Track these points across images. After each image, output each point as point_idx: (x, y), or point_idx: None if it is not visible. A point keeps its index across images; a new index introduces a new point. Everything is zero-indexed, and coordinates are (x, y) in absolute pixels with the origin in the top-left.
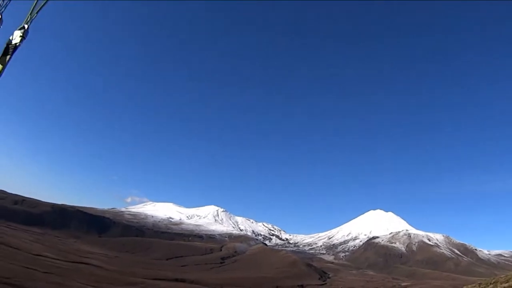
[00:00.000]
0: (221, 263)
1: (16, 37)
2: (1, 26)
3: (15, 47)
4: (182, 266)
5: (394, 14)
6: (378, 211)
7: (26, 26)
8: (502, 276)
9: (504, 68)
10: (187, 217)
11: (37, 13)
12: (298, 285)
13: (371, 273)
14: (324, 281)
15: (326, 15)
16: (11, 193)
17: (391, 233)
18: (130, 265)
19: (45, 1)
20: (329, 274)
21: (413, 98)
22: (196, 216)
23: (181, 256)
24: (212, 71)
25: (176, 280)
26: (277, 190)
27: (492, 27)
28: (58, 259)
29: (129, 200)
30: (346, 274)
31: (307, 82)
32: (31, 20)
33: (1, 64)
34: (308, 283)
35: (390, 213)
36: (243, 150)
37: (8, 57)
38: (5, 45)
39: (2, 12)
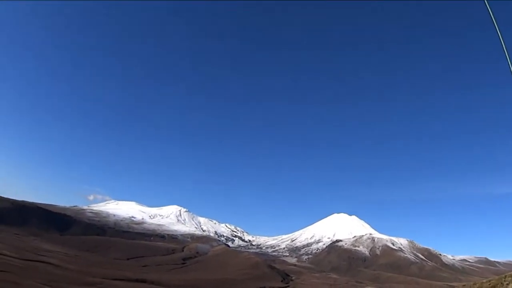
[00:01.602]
0: (182, 264)
1: None
2: None
3: None
4: (143, 266)
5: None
6: (342, 214)
7: None
8: (484, 280)
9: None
10: (150, 216)
11: None
12: (260, 287)
13: (335, 276)
14: (287, 283)
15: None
16: None
17: (355, 236)
18: (89, 265)
19: None
20: (292, 277)
21: (381, 104)
22: (158, 216)
23: (142, 256)
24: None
25: (136, 280)
26: (241, 191)
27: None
28: (15, 257)
29: (91, 198)
30: (309, 277)
31: (274, 81)
32: None
33: None
34: (271, 285)
35: (353, 217)
36: (208, 150)
37: None
38: None
39: None
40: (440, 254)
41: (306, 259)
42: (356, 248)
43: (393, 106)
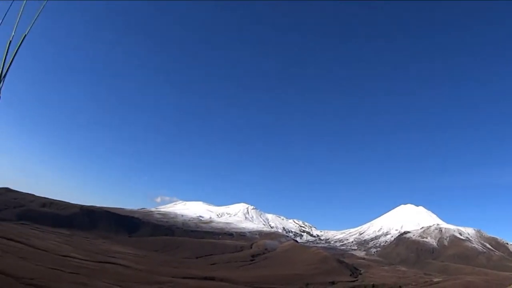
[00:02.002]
0: (251, 260)
1: None
2: None
3: None
4: (211, 264)
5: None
6: (409, 205)
7: None
8: None
9: None
10: (217, 215)
11: (4, 76)
12: (329, 282)
13: (403, 268)
14: (355, 277)
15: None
16: (39, 196)
17: (422, 227)
18: (158, 264)
19: (9, 65)
20: (360, 270)
21: (443, 90)
22: (226, 214)
23: (211, 255)
24: (231, 70)
25: (205, 278)
26: (307, 186)
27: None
28: (85, 260)
29: (158, 200)
30: (378, 270)
31: (331, 80)
32: (1, 86)
33: None
34: (339, 280)
35: (420, 208)
36: (273, 147)
37: None
38: None
39: None
40: (508, 243)
41: (374, 252)
42: (424, 239)
43: (454, 93)
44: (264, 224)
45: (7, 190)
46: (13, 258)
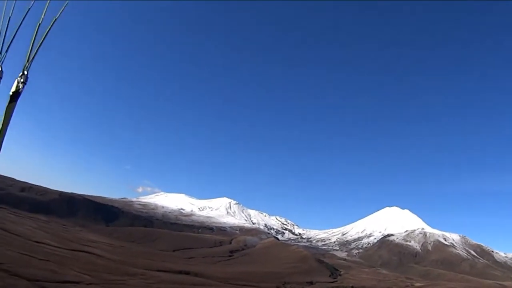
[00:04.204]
0: (229, 256)
1: (18, 84)
2: (2, 77)
3: (19, 93)
4: (188, 258)
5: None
6: (394, 208)
7: (25, 72)
8: None
9: None
10: (199, 208)
11: (33, 59)
12: (307, 282)
13: (384, 271)
14: (334, 278)
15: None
16: (19, 180)
17: (407, 231)
18: (134, 256)
19: (38, 48)
20: (340, 271)
21: (431, 98)
22: (208, 208)
23: (189, 248)
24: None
25: (180, 272)
26: (291, 184)
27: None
28: (58, 247)
29: (140, 190)
30: (358, 272)
31: (321, 79)
32: (29, 66)
33: (9, 110)
34: (318, 280)
35: (406, 211)
36: (259, 143)
37: (14, 103)
38: (11, 94)
39: (2, 63)
40: (493, 251)
41: (356, 253)
42: (408, 243)
43: (450, 101)
44: (246, 220)
45: None
46: None
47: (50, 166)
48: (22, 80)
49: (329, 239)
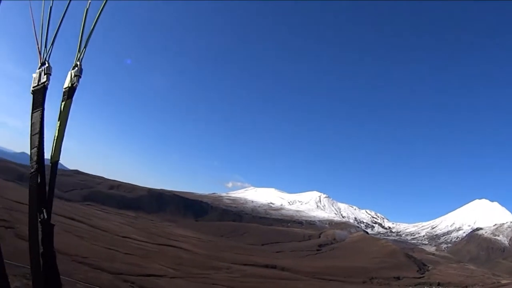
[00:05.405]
0: (317, 250)
1: (72, 78)
2: (51, 73)
3: (74, 89)
4: (276, 252)
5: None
6: (484, 200)
7: (78, 64)
8: None
9: None
10: (289, 202)
11: (85, 47)
12: (394, 277)
13: (472, 267)
14: (422, 273)
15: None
16: (108, 179)
17: (495, 224)
18: (221, 250)
19: (89, 35)
20: (428, 267)
21: None
22: (297, 202)
23: (277, 242)
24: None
25: (266, 266)
26: (382, 177)
27: None
28: (145, 241)
29: (230, 185)
30: (446, 267)
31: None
32: (82, 56)
33: (66, 109)
34: (405, 275)
35: (495, 203)
36: (348, 138)
37: (70, 100)
38: (65, 90)
39: (48, 59)
40: None
41: (445, 247)
42: (496, 237)
43: None
44: (335, 214)
45: (76, 172)
46: (70, 237)
47: (140, 165)
48: (76, 73)
49: (418, 233)
